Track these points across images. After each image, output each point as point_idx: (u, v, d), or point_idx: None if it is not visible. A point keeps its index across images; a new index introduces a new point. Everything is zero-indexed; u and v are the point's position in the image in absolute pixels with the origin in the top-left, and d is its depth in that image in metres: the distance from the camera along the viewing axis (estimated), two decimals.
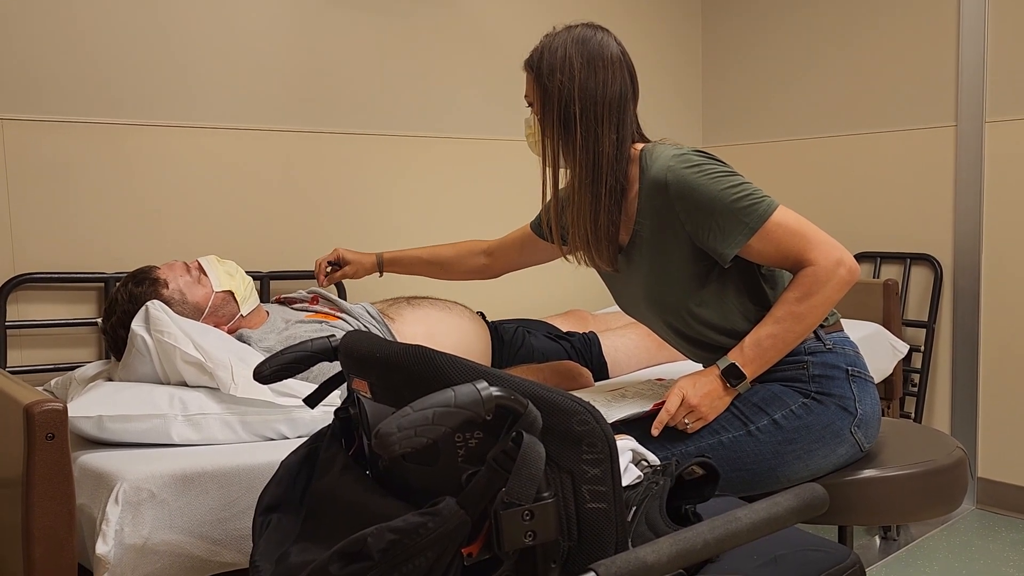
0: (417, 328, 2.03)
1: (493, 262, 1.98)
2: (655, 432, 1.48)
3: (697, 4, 3.49)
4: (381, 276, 2.13)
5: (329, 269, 2.10)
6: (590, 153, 1.51)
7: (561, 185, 1.59)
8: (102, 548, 1.28)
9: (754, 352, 1.48)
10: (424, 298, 2.16)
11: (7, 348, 1.99)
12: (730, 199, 1.45)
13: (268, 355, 1.28)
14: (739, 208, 1.45)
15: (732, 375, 1.48)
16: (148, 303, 1.69)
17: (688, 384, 1.49)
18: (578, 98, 1.50)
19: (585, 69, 1.50)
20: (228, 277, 1.91)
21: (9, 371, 1.99)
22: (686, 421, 1.47)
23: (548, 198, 1.60)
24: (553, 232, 1.64)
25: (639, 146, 1.56)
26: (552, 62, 1.52)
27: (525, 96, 1.60)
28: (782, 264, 1.50)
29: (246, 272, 2.00)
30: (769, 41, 3.31)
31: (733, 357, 1.49)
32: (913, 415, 2.91)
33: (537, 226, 1.86)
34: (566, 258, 1.69)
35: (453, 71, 2.73)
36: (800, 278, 1.47)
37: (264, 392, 1.56)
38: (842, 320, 1.76)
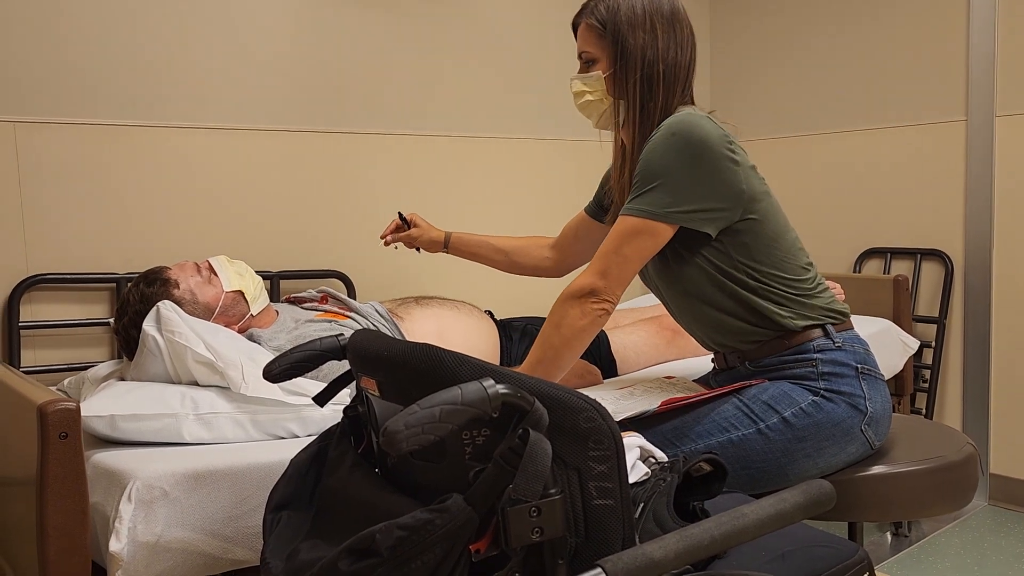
0: (426, 327, 2.03)
1: (557, 255, 1.94)
2: None
3: (705, 1, 3.49)
4: (446, 250, 2.04)
5: (390, 239, 2.05)
6: (667, 114, 1.49)
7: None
8: (115, 546, 1.29)
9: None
10: (432, 297, 2.16)
11: (21, 348, 2.01)
12: (652, 173, 1.43)
13: (278, 354, 1.29)
14: (647, 189, 1.43)
15: None
16: (159, 303, 1.70)
17: None
18: (661, 58, 1.47)
19: (668, 29, 1.47)
20: (238, 277, 1.92)
21: (23, 371, 2.01)
22: None
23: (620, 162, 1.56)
24: (617, 192, 1.60)
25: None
26: (632, 19, 1.47)
27: (582, 54, 1.54)
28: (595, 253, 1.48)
29: (256, 272, 2.01)
30: (777, 37, 3.30)
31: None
32: (924, 411, 2.90)
33: (592, 207, 1.83)
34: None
35: (462, 70, 2.74)
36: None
37: (274, 391, 1.57)
38: (852, 316, 1.76)
